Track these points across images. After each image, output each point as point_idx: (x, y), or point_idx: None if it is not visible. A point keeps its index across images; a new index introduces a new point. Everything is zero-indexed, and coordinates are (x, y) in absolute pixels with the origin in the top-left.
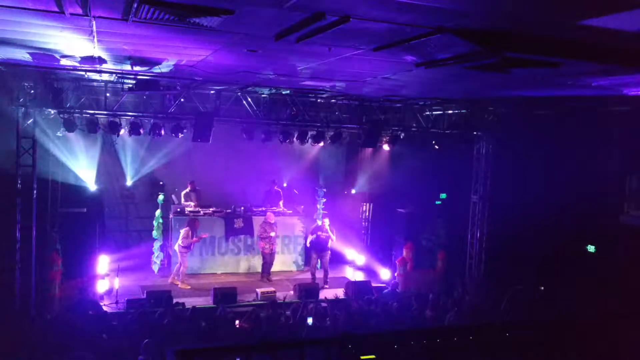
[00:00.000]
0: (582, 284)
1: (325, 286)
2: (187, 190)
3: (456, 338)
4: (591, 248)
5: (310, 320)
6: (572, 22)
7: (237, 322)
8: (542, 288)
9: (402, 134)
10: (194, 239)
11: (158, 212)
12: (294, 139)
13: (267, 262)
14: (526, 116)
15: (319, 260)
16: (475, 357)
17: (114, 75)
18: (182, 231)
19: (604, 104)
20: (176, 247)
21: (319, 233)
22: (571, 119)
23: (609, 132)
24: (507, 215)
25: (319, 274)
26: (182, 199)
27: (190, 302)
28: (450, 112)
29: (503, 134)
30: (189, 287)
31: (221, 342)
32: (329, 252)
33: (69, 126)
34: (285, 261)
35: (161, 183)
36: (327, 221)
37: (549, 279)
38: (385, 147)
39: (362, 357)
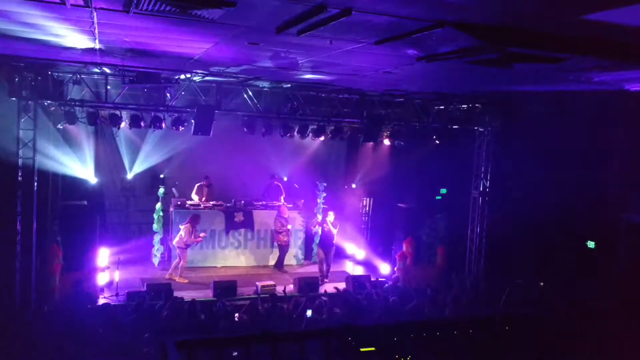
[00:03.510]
0: (581, 281)
1: (325, 280)
2: (201, 183)
3: (455, 331)
4: (591, 244)
5: (309, 313)
6: (575, 16)
7: (236, 315)
8: (542, 284)
9: (403, 129)
10: (198, 238)
11: (158, 205)
12: (295, 133)
13: (285, 252)
14: (527, 111)
15: (324, 256)
16: (473, 350)
17: (115, 67)
18: (183, 228)
19: (606, 100)
20: (175, 243)
21: (318, 225)
22: (572, 115)
23: (611, 129)
24: (507, 211)
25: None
26: (194, 191)
27: (190, 295)
28: (451, 107)
29: (504, 129)
30: (187, 281)
31: (221, 335)
32: (334, 247)
33: (70, 118)
34: (286, 255)
35: (162, 176)
36: (331, 214)
37: (548, 275)
38: (386, 141)
39: (362, 349)
